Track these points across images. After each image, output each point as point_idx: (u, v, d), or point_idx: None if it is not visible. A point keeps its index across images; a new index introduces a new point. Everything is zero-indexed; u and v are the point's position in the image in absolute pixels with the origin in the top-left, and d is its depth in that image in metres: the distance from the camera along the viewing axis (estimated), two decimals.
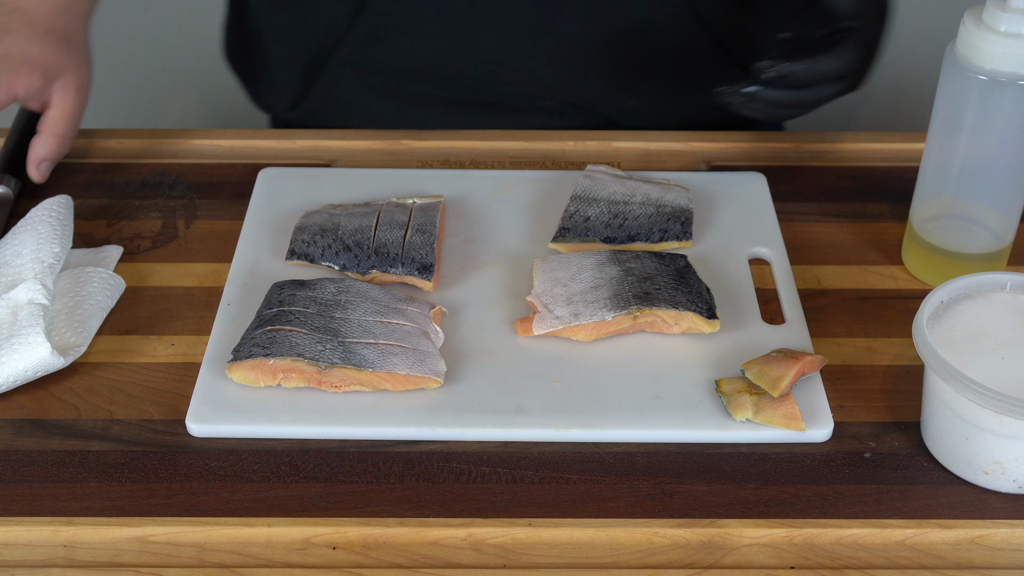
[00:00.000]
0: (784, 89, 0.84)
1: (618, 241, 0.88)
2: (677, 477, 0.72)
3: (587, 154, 1.01)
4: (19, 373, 0.76)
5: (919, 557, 0.69)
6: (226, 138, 1.02)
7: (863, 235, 0.92)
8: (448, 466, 0.73)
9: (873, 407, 0.77)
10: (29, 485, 0.72)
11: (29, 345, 0.76)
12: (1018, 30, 0.76)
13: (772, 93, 0.84)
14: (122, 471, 0.72)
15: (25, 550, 0.68)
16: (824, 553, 0.69)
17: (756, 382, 0.75)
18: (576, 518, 0.70)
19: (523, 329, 0.81)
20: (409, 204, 0.90)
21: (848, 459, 0.74)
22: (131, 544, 0.69)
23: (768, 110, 0.85)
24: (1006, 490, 0.72)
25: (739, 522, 0.70)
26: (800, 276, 0.87)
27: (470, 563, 0.68)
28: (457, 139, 1.02)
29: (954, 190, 0.84)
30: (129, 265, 0.88)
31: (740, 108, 0.85)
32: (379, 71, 1.05)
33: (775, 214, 0.92)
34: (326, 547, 0.69)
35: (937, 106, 0.83)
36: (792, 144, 1.02)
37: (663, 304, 0.79)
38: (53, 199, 0.89)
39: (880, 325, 0.83)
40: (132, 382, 0.79)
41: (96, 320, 0.81)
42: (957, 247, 0.85)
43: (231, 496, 0.71)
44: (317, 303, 0.80)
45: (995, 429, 0.69)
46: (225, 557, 0.68)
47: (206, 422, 0.75)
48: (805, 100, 0.85)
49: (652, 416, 0.75)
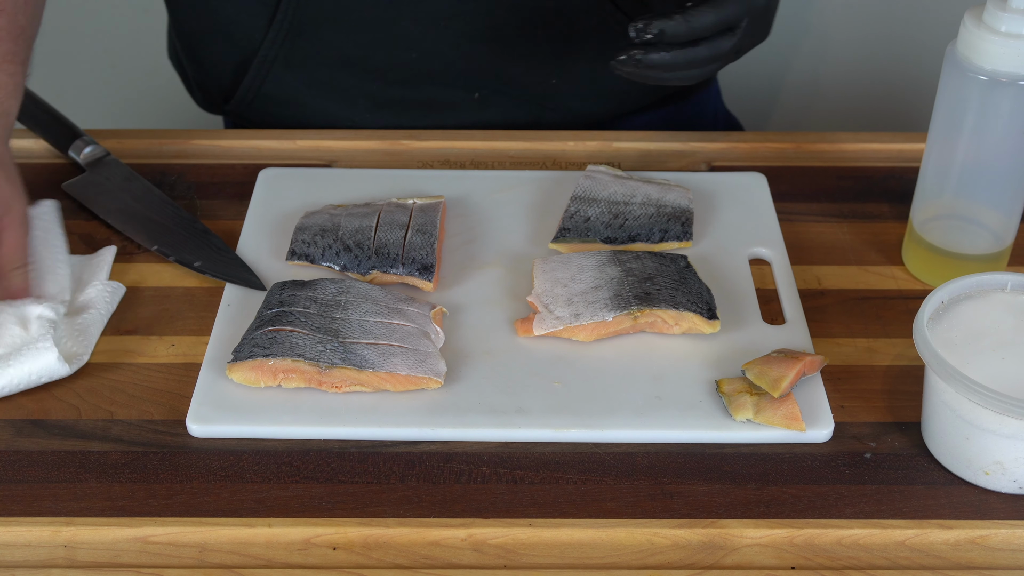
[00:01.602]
0: (671, 49, 0.82)
1: (618, 241, 0.88)
2: (677, 477, 0.72)
3: (587, 154, 1.01)
4: (23, 377, 0.76)
5: (919, 557, 0.69)
6: (227, 138, 1.02)
7: (863, 235, 0.92)
8: (448, 466, 0.73)
9: (873, 407, 0.77)
10: (29, 485, 0.72)
11: (37, 350, 0.76)
12: (1018, 30, 0.76)
13: (660, 56, 0.82)
14: (122, 471, 0.72)
15: (25, 550, 0.68)
16: (824, 553, 0.69)
17: (756, 382, 0.75)
18: (576, 518, 0.70)
19: (523, 329, 0.81)
20: (409, 204, 0.90)
21: (848, 459, 0.74)
22: (131, 544, 0.69)
23: (666, 74, 0.83)
24: (1006, 490, 0.72)
25: (739, 522, 0.70)
26: (800, 276, 0.87)
27: (470, 563, 0.68)
28: (457, 139, 1.02)
29: (954, 190, 0.84)
30: (130, 265, 0.88)
31: (639, 77, 0.83)
32: (305, 64, 1.05)
33: (775, 214, 0.92)
34: (326, 547, 0.69)
35: (937, 106, 0.83)
36: (792, 144, 1.02)
37: (663, 304, 0.79)
38: (44, 204, 0.89)
39: (880, 325, 0.83)
40: (132, 382, 0.79)
41: (97, 328, 0.81)
42: (957, 247, 0.85)
43: (231, 496, 0.71)
44: (317, 303, 0.80)
45: (995, 429, 0.69)
46: (225, 557, 0.68)
47: (206, 422, 0.75)
48: (699, 57, 0.83)
49: (652, 416, 0.75)
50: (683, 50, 0.82)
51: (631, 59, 0.81)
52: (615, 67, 0.82)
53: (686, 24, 0.81)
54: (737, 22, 0.84)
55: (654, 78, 0.83)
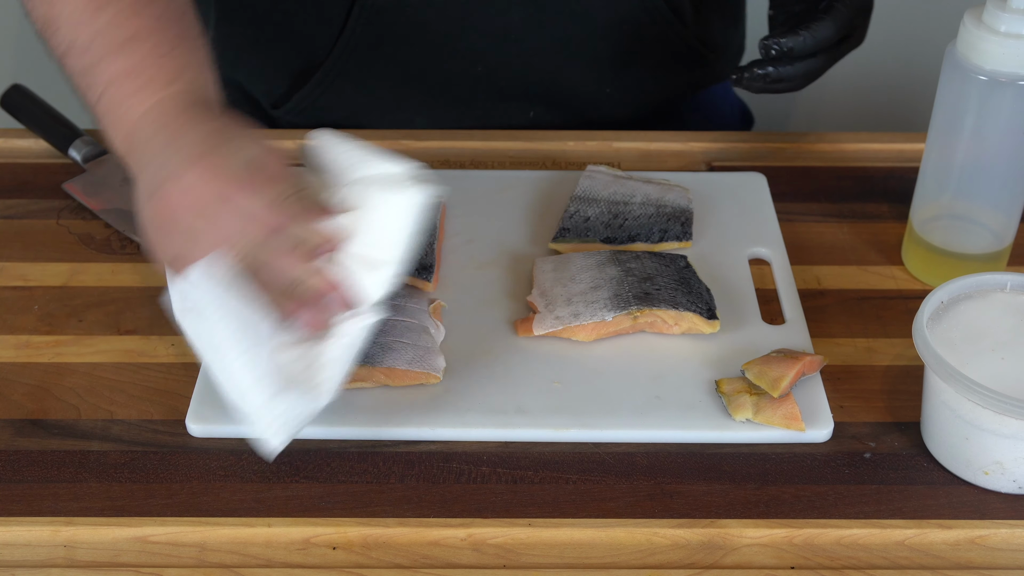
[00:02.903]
0: (794, 63, 0.87)
1: (618, 241, 0.88)
2: (677, 477, 0.72)
3: (587, 154, 1.01)
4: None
5: (919, 557, 0.69)
6: None
7: (863, 235, 0.92)
8: (448, 466, 0.73)
9: (873, 407, 0.77)
10: (29, 485, 0.72)
11: None
12: (1018, 30, 0.76)
13: (786, 69, 0.87)
14: (122, 471, 0.72)
15: (25, 550, 0.68)
16: (824, 553, 0.69)
17: (756, 382, 0.75)
18: (576, 518, 0.70)
19: (523, 329, 0.81)
20: None
21: (848, 459, 0.74)
22: (131, 544, 0.69)
23: (788, 85, 0.88)
24: (1006, 490, 0.72)
25: (739, 522, 0.70)
26: (800, 276, 0.87)
27: (470, 563, 0.68)
28: (457, 139, 1.02)
29: (954, 190, 0.84)
30: (130, 265, 0.88)
31: (758, 90, 0.88)
32: (367, 78, 1.05)
33: (775, 214, 0.92)
34: (326, 547, 0.69)
35: (937, 106, 0.83)
36: (792, 144, 1.02)
37: (663, 304, 0.79)
38: None
39: (880, 325, 0.83)
40: (132, 382, 0.79)
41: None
42: (957, 247, 0.85)
43: (231, 496, 0.71)
44: None
45: (995, 429, 0.69)
46: (225, 557, 0.68)
47: (206, 422, 0.75)
48: (819, 67, 0.88)
49: (652, 416, 0.75)
50: (804, 62, 0.87)
51: (759, 75, 0.87)
52: (738, 82, 0.87)
53: (812, 39, 0.86)
54: (852, 31, 0.89)
55: (773, 89, 0.88)
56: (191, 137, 0.69)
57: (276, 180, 0.68)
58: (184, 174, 0.67)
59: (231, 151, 0.68)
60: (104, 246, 0.90)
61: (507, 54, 1.03)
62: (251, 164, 0.68)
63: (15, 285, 0.86)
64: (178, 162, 0.68)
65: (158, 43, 0.73)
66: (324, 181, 0.72)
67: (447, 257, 0.88)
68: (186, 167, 0.68)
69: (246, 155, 0.68)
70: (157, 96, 0.72)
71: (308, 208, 0.68)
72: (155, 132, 0.71)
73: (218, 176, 0.67)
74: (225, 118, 0.72)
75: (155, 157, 0.69)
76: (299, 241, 0.67)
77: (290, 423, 0.69)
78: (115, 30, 0.73)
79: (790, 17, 0.90)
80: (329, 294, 0.67)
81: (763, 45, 0.86)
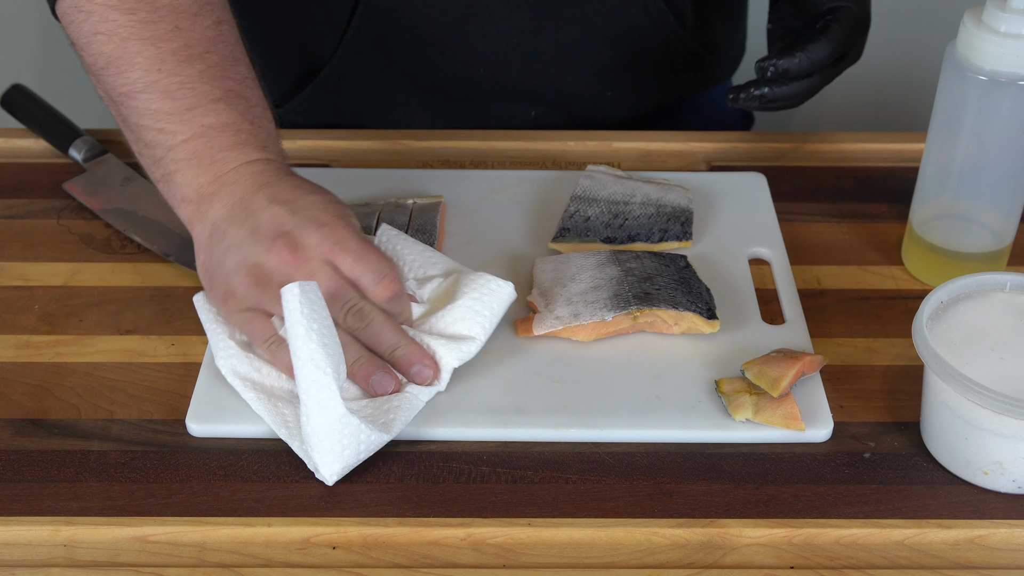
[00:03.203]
0: (790, 83, 0.87)
1: (618, 241, 0.88)
2: (677, 477, 0.72)
3: (587, 154, 1.01)
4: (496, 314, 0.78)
5: (919, 557, 0.69)
6: None
7: (863, 235, 0.92)
8: (448, 466, 0.73)
9: (873, 407, 0.77)
10: (29, 485, 0.72)
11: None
12: (1018, 30, 0.76)
13: (781, 89, 0.87)
14: (122, 471, 0.72)
15: (25, 550, 0.69)
16: (824, 553, 0.69)
17: (756, 382, 0.75)
18: (576, 518, 0.70)
19: (523, 329, 0.81)
20: (409, 204, 0.90)
21: (848, 459, 0.74)
22: (131, 544, 0.69)
23: (784, 104, 0.89)
24: (1005, 490, 0.72)
25: (739, 522, 0.70)
26: (800, 276, 0.87)
27: (470, 563, 0.68)
28: (457, 139, 1.02)
29: (954, 190, 0.84)
30: (130, 265, 0.88)
31: (758, 108, 0.88)
32: (369, 79, 1.06)
33: (775, 214, 0.92)
34: (326, 547, 0.69)
35: (937, 106, 0.83)
36: (792, 144, 1.02)
37: (663, 304, 0.79)
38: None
39: (880, 325, 0.84)
40: (132, 382, 0.79)
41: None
42: (957, 247, 0.85)
43: (231, 496, 0.71)
44: None
45: (995, 429, 0.69)
46: (225, 557, 0.68)
47: (206, 422, 0.75)
48: (814, 87, 0.89)
49: (652, 416, 0.75)
50: (799, 82, 0.88)
51: (755, 96, 0.87)
52: (735, 102, 0.88)
53: (808, 61, 0.87)
54: (849, 48, 0.90)
55: (771, 108, 0.89)
56: (310, 200, 0.75)
57: (384, 257, 0.76)
58: (311, 234, 0.74)
59: (349, 223, 0.75)
60: (104, 246, 0.90)
61: (509, 56, 1.04)
62: (364, 238, 0.76)
63: (15, 285, 0.86)
64: (297, 221, 0.74)
65: (251, 106, 0.78)
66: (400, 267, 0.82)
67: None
68: (312, 228, 0.74)
69: (358, 227, 0.76)
70: (257, 155, 0.77)
71: (402, 285, 0.77)
72: (259, 187, 0.76)
73: (340, 242, 0.74)
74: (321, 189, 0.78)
75: (264, 211, 0.75)
76: (398, 311, 0.76)
77: (352, 451, 0.70)
78: (207, 85, 0.77)
79: (788, 32, 0.91)
80: (421, 361, 0.75)
81: (759, 67, 0.87)
